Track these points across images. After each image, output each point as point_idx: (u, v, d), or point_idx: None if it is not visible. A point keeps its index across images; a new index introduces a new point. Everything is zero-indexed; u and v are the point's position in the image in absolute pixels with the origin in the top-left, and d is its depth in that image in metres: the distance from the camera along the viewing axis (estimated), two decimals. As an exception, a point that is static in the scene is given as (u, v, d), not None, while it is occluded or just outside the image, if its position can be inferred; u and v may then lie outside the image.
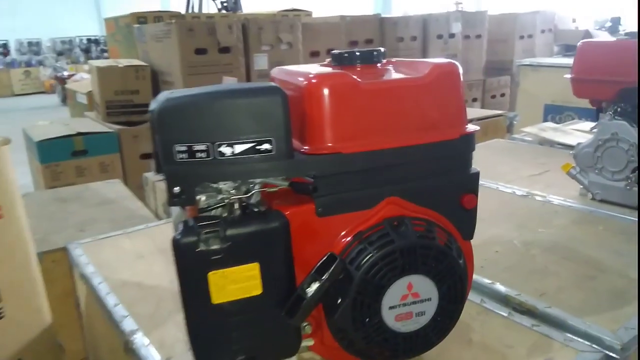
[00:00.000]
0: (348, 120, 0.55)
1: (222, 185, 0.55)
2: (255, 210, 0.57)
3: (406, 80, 0.58)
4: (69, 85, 4.54)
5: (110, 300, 0.80)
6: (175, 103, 0.51)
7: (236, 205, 0.56)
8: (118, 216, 1.62)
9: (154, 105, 0.58)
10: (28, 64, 9.61)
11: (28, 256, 0.72)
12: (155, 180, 2.03)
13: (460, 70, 0.60)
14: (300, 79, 0.58)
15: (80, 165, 2.69)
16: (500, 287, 0.79)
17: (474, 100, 3.97)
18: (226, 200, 0.55)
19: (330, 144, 0.55)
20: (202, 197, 0.56)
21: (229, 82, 2.88)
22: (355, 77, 0.56)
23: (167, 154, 0.52)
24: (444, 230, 0.59)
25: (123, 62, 3.10)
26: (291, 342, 0.56)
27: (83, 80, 5.30)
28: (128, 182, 2.71)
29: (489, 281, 0.81)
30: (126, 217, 1.60)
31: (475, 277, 0.80)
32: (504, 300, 0.77)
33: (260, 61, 3.04)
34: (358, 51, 0.63)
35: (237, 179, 0.54)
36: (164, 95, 0.57)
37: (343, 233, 0.57)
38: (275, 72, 0.69)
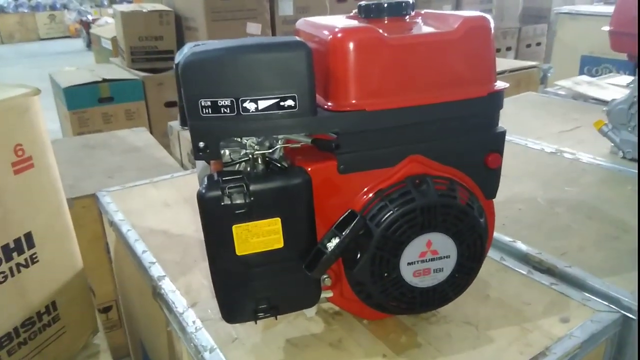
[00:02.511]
0: (373, 76, 0.54)
1: (246, 140, 0.55)
2: (278, 165, 0.57)
3: (434, 35, 0.56)
4: (94, 30, 4.53)
5: (139, 247, 0.84)
6: (200, 57, 0.51)
7: (259, 160, 0.57)
8: (144, 164, 1.65)
9: (178, 58, 0.58)
10: (53, 7, 9.57)
11: (59, 203, 0.75)
12: (180, 130, 2.05)
13: (492, 25, 0.58)
14: (325, 32, 0.57)
15: (106, 112, 2.72)
16: (521, 246, 0.79)
17: (508, 49, 3.83)
18: (250, 156, 0.56)
19: (354, 101, 0.54)
20: (226, 152, 0.57)
21: (253, 28, 2.84)
22: (381, 31, 0.54)
23: (193, 108, 0.52)
24: (466, 189, 0.59)
25: (147, 6, 3.06)
26: (311, 294, 0.58)
27: (107, 24, 5.28)
28: (153, 129, 2.75)
29: (510, 239, 0.81)
30: (152, 166, 1.63)
31: (496, 234, 0.81)
32: (524, 258, 0.77)
33: (285, 6, 2.96)
34: (386, 3, 0.61)
35: (260, 135, 0.54)
36: (188, 48, 0.57)
37: (364, 190, 0.57)
38: (300, 24, 0.68)
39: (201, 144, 0.54)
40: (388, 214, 0.55)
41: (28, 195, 0.69)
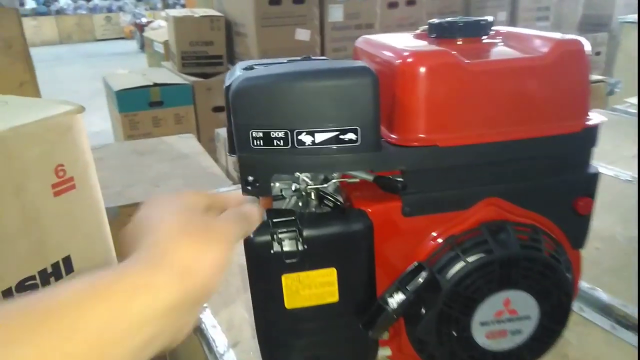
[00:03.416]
0: (448, 107, 0.47)
1: (299, 173, 0.49)
2: (332, 200, 0.51)
3: (520, 61, 0.49)
4: (147, 33, 4.63)
5: (180, 272, 0.79)
6: (253, 84, 0.45)
7: (313, 195, 0.51)
8: (191, 173, 1.64)
9: (229, 80, 0.53)
10: (109, 9, 9.92)
11: (100, 225, 0.71)
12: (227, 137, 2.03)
13: (588, 49, 0.50)
14: (391, 55, 0.50)
15: (156, 116, 2.75)
16: (601, 295, 0.70)
17: (565, 59, 3.64)
18: (302, 191, 0.50)
19: (424, 135, 0.47)
20: (276, 184, 0.51)
21: (302, 34, 2.80)
22: (457, 54, 0.47)
23: (243, 139, 0.47)
24: (552, 239, 0.51)
25: (199, 11, 3.09)
26: (367, 353, 0.51)
27: (160, 28, 5.38)
28: (200, 133, 2.76)
29: (589, 286, 0.71)
30: (198, 175, 1.61)
31: (572, 280, 0.71)
32: (605, 310, 0.68)
33: (336, 13, 2.91)
34: (461, 21, 0.54)
35: (316, 171, 0.48)
36: (240, 70, 0.52)
37: (432, 235, 0.50)
38: (361, 42, 0.61)
39: (250, 178, 0.48)
40: (460, 267, 0.47)
41: (68, 217, 0.66)
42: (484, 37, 0.55)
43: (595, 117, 0.51)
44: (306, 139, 0.46)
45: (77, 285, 0.25)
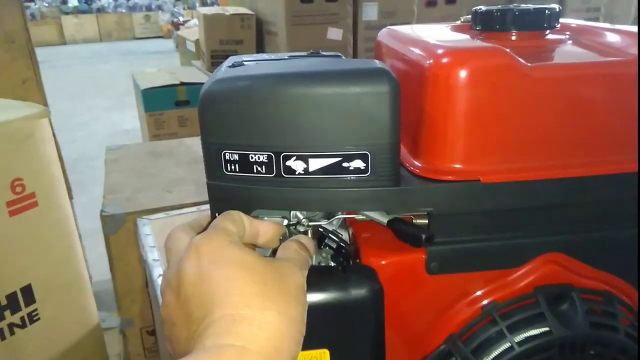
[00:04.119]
0: (497, 128, 0.34)
1: (290, 208, 0.37)
2: (337, 240, 0.39)
3: (600, 66, 0.35)
4: (180, 31, 4.60)
5: (166, 303, 0.68)
6: (226, 88, 0.33)
7: (309, 235, 0.39)
8: (204, 178, 1.55)
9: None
10: (148, 8, 10.06)
11: (70, 250, 0.62)
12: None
13: (695, 50, 0.36)
14: (421, 53, 0.38)
15: (182, 115, 2.69)
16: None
17: (617, 63, 3.40)
18: (294, 231, 0.38)
19: (462, 166, 0.34)
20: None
21: (334, 33, 2.68)
22: (512, 54, 0.34)
23: (213, 162, 0.35)
24: (631, 310, 0.37)
25: (230, 10, 3.02)
26: None
27: (195, 26, 5.36)
28: (226, 134, 2.67)
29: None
30: (213, 181, 1.52)
31: None
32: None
33: (370, 11, 2.77)
34: (517, 9, 0.40)
35: (310, 209, 0.36)
36: (225, 67, 0.40)
37: (466, 301, 0.37)
38: (384, 36, 0.49)
39: (224, 214, 0.36)
40: (504, 349, 0.34)
41: (28, 240, 0.56)
42: (547, 32, 0.41)
43: (702, 145, 0.36)
44: (297, 165, 0.33)
45: None
